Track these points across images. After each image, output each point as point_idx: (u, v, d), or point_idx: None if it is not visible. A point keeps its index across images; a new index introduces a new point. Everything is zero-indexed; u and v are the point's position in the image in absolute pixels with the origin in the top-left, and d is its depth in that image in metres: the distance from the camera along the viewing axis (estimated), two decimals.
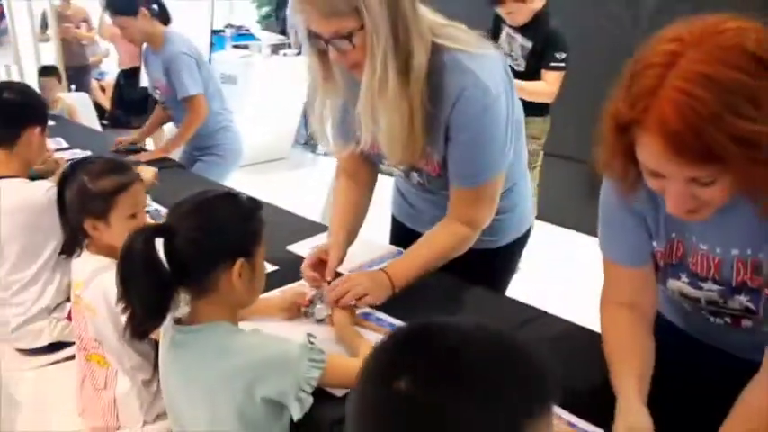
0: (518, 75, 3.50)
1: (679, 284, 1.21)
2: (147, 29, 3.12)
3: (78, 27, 6.77)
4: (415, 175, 1.73)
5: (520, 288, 2.00)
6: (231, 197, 1.24)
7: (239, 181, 5.45)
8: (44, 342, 1.98)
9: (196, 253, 1.16)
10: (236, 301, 1.24)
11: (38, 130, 2.09)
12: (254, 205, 1.24)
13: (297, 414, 1.15)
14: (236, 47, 6.80)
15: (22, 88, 2.25)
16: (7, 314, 2.00)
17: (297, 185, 5.62)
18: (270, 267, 1.83)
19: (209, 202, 1.21)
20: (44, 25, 6.42)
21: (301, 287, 1.70)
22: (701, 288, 1.19)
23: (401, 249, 1.89)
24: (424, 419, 0.66)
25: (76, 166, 1.65)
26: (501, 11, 3.45)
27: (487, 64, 1.51)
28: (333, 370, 1.20)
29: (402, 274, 1.63)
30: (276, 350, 1.19)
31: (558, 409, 1.20)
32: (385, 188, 1.99)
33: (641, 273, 1.25)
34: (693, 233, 1.16)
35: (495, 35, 3.66)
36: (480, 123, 1.51)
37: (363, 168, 1.84)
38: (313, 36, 1.44)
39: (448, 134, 1.55)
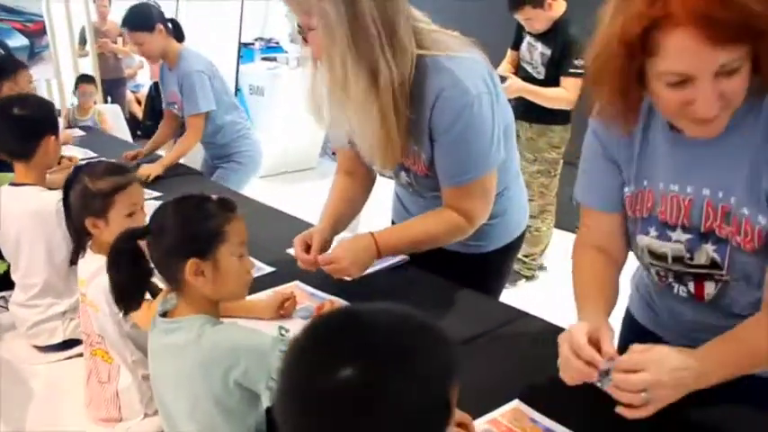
0: (537, 82, 3.56)
1: (647, 240, 1.24)
2: (162, 45, 3.23)
3: (114, 42, 7.02)
4: (403, 174, 1.78)
5: (536, 296, 2.04)
6: (196, 199, 1.29)
7: (266, 190, 5.62)
8: (58, 340, 2.08)
9: (158, 252, 1.26)
10: (212, 296, 1.29)
11: (53, 138, 2.17)
12: (222, 206, 1.29)
13: (267, 402, 1.21)
14: (264, 59, 6.97)
15: (31, 100, 2.32)
16: (25, 314, 2.12)
17: (323, 194, 5.69)
18: (267, 269, 1.93)
19: (173, 205, 1.28)
20: (82, 41, 6.65)
21: (292, 288, 1.78)
22: (669, 239, 1.21)
23: (406, 257, 1.93)
24: (370, 401, 0.70)
25: (79, 169, 1.76)
26: (519, 17, 3.48)
27: (467, 64, 1.56)
28: None
29: (389, 245, 1.71)
30: (249, 340, 1.25)
31: (521, 405, 1.25)
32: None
33: (613, 219, 1.30)
34: (666, 176, 1.19)
35: (517, 43, 3.71)
36: (462, 123, 1.55)
37: (361, 168, 1.89)
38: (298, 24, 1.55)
39: (432, 136, 1.60)
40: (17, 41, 6.64)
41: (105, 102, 6.36)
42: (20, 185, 2.13)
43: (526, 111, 3.59)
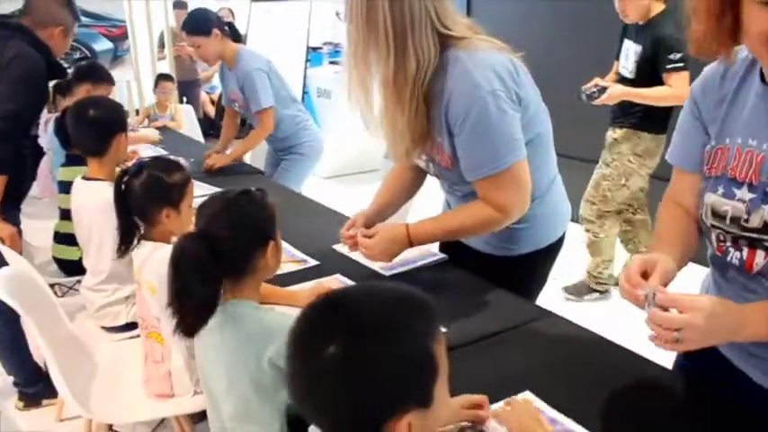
0: (629, 82, 3.39)
1: (713, 198, 1.24)
2: (219, 48, 3.39)
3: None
4: (431, 165, 1.84)
5: (603, 312, 2.00)
6: (246, 194, 1.43)
7: (331, 190, 5.76)
8: (121, 322, 2.28)
9: (236, 247, 1.35)
10: (266, 275, 1.46)
11: (123, 136, 2.35)
12: (263, 195, 1.46)
13: None
14: (332, 62, 7.13)
15: (104, 103, 2.49)
16: (93, 297, 2.31)
17: None
18: (312, 262, 2.04)
19: (232, 202, 1.40)
20: (161, 44, 6.98)
21: (332, 280, 1.88)
22: (733, 196, 1.21)
23: (444, 255, 2.02)
24: (351, 372, 0.79)
25: (143, 164, 1.93)
26: (617, 5, 3.37)
27: (482, 59, 1.61)
28: None
29: (421, 234, 1.79)
30: (283, 321, 1.33)
31: (530, 396, 1.31)
32: None
33: (693, 178, 1.32)
34: (747, 131, 1.19)
35: (618, 52, 3.57)
36: (474, 116, 1.59)
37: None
38: None
39: (449, 129, 1.66)
40: (102, 45, 7.03)
41: (180, 102, 6.65)
42: (92, 180, 2.33)
43: (621, 115, 3.47)
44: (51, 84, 3.07)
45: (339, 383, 0.80)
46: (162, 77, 5.47)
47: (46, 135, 3.46)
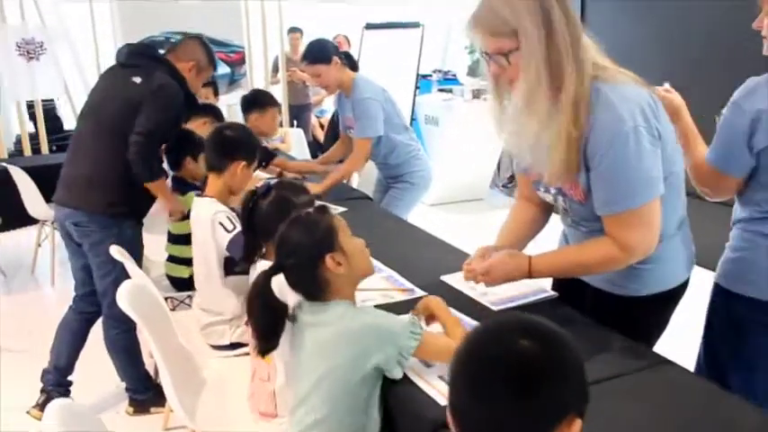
0: None
1: None
2: (338, 76, 3.46)
3: (303, 71, 7.53)
4: (560, 199, 1.79)
5: None
6: (298, 218, 1.57)
7: (435, 217, 5.76)
8: (226, 342, 2.34)
9: (300, 274, 1.52)
10: (351, 278, 1.56)
11: (243, 164, 2.42)
12: (319, 211, 1.58)
13: (398, 374, 1.45)
14: (440, 90, 7.16)
15: (241, 129, 2.63)
16: (200, 315, 2.39)
17: (490, 226, 5.72)
18: (419, 292, 2.02)
19: (285, 232, 1.55)
20: (275, 69, 7.23)
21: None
22: None
23: (554, 293, 1.96)
24: (543, 368, 0.89)
25: (271, 186, 1.99)
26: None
27: (626, 94, 1.58)
28: (427, 343, 1.48)
29: (541, 267, 1.76)
30: (384, 321, 1.48)
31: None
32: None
33: None
34: None
35: None
36: (615, 151, 1.56)
37: (538, 195, 1.91)
38: (483, 52, 1.65)
39: (587, 162, 1.62)
40: (221, 70, 7.39)
41: (291, 125, 6.85)
42: (204, 196, 2.42)
43: None
44: None
45: (531, 384, 0.88)
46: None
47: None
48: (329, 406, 1.46)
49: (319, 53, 3.43)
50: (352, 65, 3.59)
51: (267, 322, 1.53)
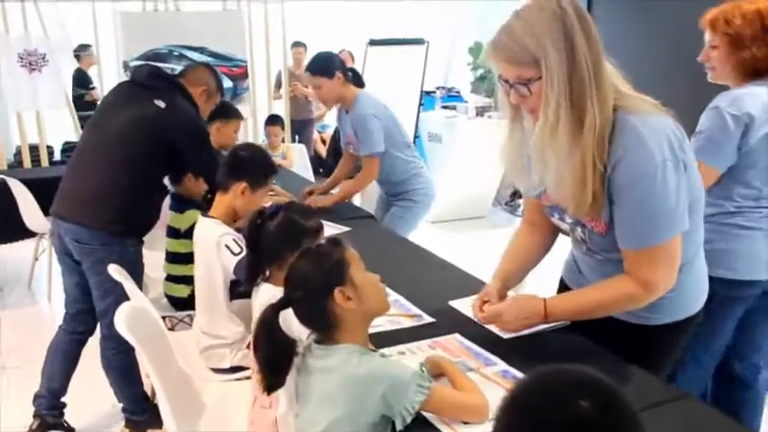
0: None
1: None
2: (340, 91, 3.42)
3: (306, 86, 7.53)
4: (579, 229, 1.74)
5: None
6: (308, 249, 1.51)
7: (436, 235, 5.71)
8: (226, 365, 2.27)
9: (307, 308, 1.45)
10: (363, 316, 1.48)
11: (245, 185, 2.36)
12: (331, 243, 1.50)
13: (400, 425, 1.36)
14: (444, 107, 7.14)
15: (255, 150, 2.60)
16: (200, 336, 2.32)
17: (493, 245, 5.67)
18: (427, 319, 1.96)
19: (295, 263, 1.49)
20: (278, 84, 7.20)
21: (451, 342, 1.80)
22: None
23: (566, 321, 1.86)
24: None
25: (279, 208, 1.94)
26: None
27: (655, 127, 1.53)
28: (435, 397, 1.39)
29: (558, 310, 1.71)
30: (392, 370, 1.39)
31: None
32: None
33: None
34: None
35: None
36: (642, 187, 1.52)
37: (545, 219, 1.87)
38: (502, 79, 1.59)
39: (611, 196, 1.57)
40: (223, 84, 7.34)
41: (293, 141, 6.81)
42: (209, 218, 2.36)
43: None
44: None
45: None
46: (268, 121, 5.61)
47: None
48: None
49: (323, 65, 3.39)
50: (358, 81, 3.55)
51: (274, 358, 1.45)
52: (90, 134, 2.74)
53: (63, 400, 2.83)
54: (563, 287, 2.04)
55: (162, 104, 2.62)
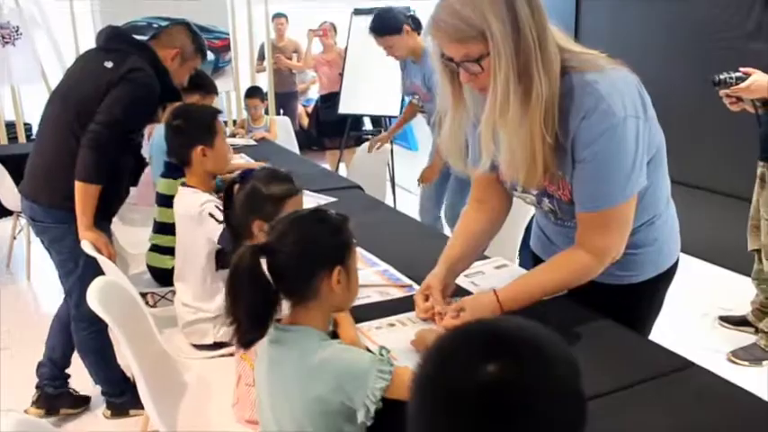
0: None
1: None
2: (410, 43, 3.33)
3: (290, 58, 7.38)
4: (546, 201, 1.68)
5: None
6: (320, 214, 1.38)
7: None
8: (209, 341, 2.19)
9: (297, 265, 1.30)
10: (335, 304, 1.38)
11: (200, 148, 2.27)
12: (341, 219, 1.37)
13: (361, 417, 1.25)
14: None
15: (181, 113, 2.40)
16: (182, 311, 2.23)
17: None
18: (417, 287, 1.88)
19: (302, 220, 1.35)
20: (261, 56, 7.05)
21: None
22: None
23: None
24: (510, 400, 0.71)
25: (247, 173, 1.83)
26: None
27: (615, 83, 1.46)
28: (398, 382, 1.24)
29: (513, 298, 1.59)
30: (350, 360, 1.29)
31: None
32: None
33: None
34: None
35: None
36: (603, 146, 1.45)
37: (495, 196, 1.79)
38: (446, 59, 1.48)
39: (573, 156, 1.50)
40: (206, 46, 7.15)
41: (278, 114, 6.68)
42: (188, 187, 2.27)
43: None
44: None
45: (484, 410, 0.71)
46: (248, 93, 5.43)
47: (147, 144, 3.46)
48: None
49: (389, 24, 3.28)
50: (419, 29, 3.43)
51: (256, 305, 1.28)
52: (50, 105, 2.55)
53: (67, 371, 2.77)
54: (535, 259, 1.97)
55: (109, 65, 2.39)
